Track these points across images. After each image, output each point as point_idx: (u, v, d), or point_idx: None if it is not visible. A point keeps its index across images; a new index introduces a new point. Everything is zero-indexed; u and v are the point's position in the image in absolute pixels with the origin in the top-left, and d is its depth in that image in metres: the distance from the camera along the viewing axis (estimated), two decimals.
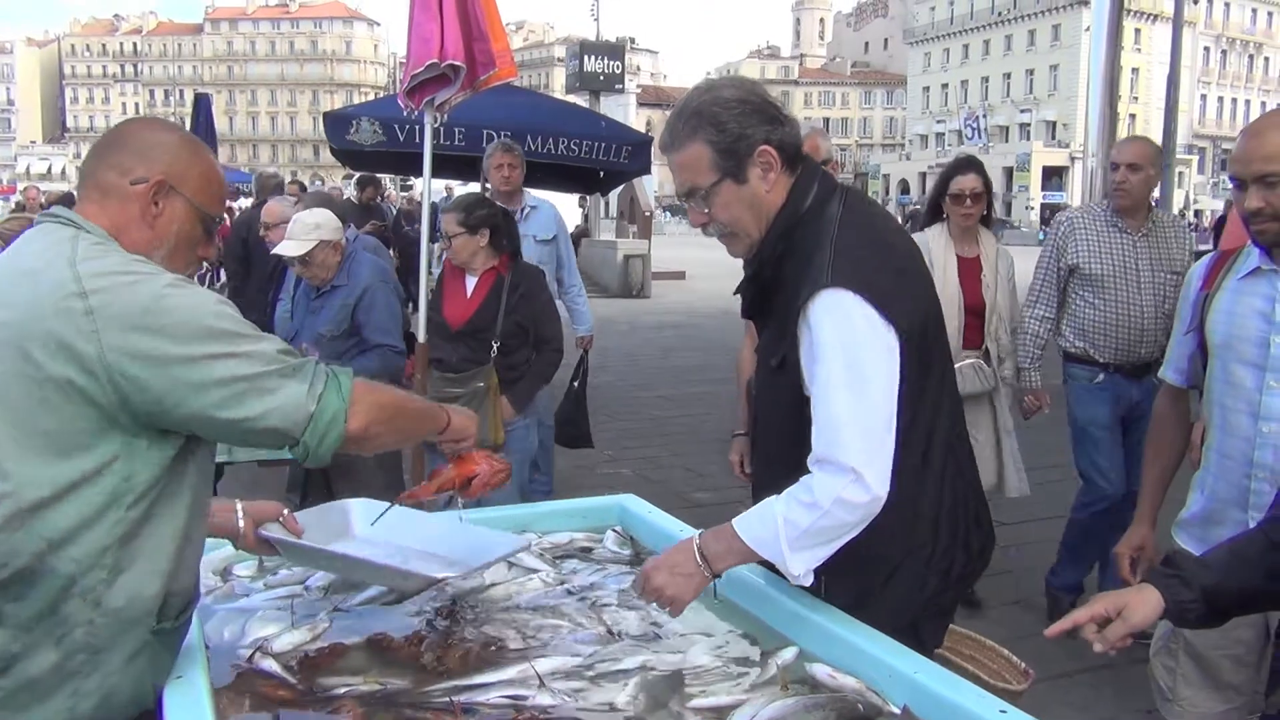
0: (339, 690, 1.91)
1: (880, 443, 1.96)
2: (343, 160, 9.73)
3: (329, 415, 1.74)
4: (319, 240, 4.29)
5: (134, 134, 1.90)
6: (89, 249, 1.70)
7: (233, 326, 1.71)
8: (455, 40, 4.23)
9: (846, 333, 1.97)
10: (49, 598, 1.64)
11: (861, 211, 2.16)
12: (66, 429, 1.62)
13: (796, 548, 1.96)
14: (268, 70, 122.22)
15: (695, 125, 2.09)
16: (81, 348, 1.60)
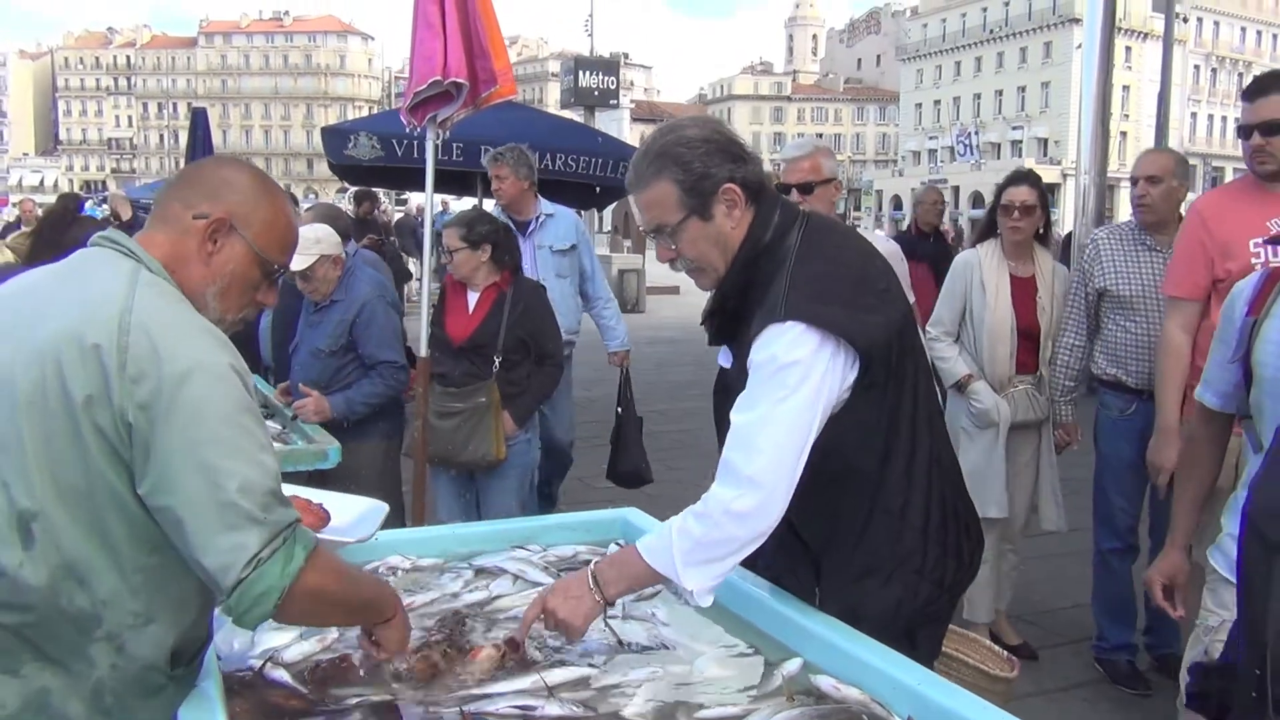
0: (350, 700, 1.93)
1: (783, 461, 1.99)
2: (340, 175, 9.75)
3: (260, 590, 1.62)
4: (320, 255, 4.31)
5: (208, 170, 1.92)
6: (149, 286, 1.70)
7: (237, 438, 1.64)
8: (458, 58, 4.26)
9: (779, 358, 2.01)
10: (77, 637, 1.66)
11: (820, 239, 2.19)
12: (92, 463, 1.62)
13: (689, 561, 2.00)
14: (261, 84, 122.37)
15: (660, 165, 2.14)
16: (109, 382, 1.60)
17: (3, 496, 1.62)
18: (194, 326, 1.71)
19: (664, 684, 1.99)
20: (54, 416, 1.61)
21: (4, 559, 1.61)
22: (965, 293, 4.56)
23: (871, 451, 2.16)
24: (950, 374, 4.56)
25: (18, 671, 1.64)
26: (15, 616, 1.63)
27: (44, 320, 1.67)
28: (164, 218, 1.84)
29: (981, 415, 4.47)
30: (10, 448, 1.62)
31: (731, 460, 2.01)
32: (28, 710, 1.64)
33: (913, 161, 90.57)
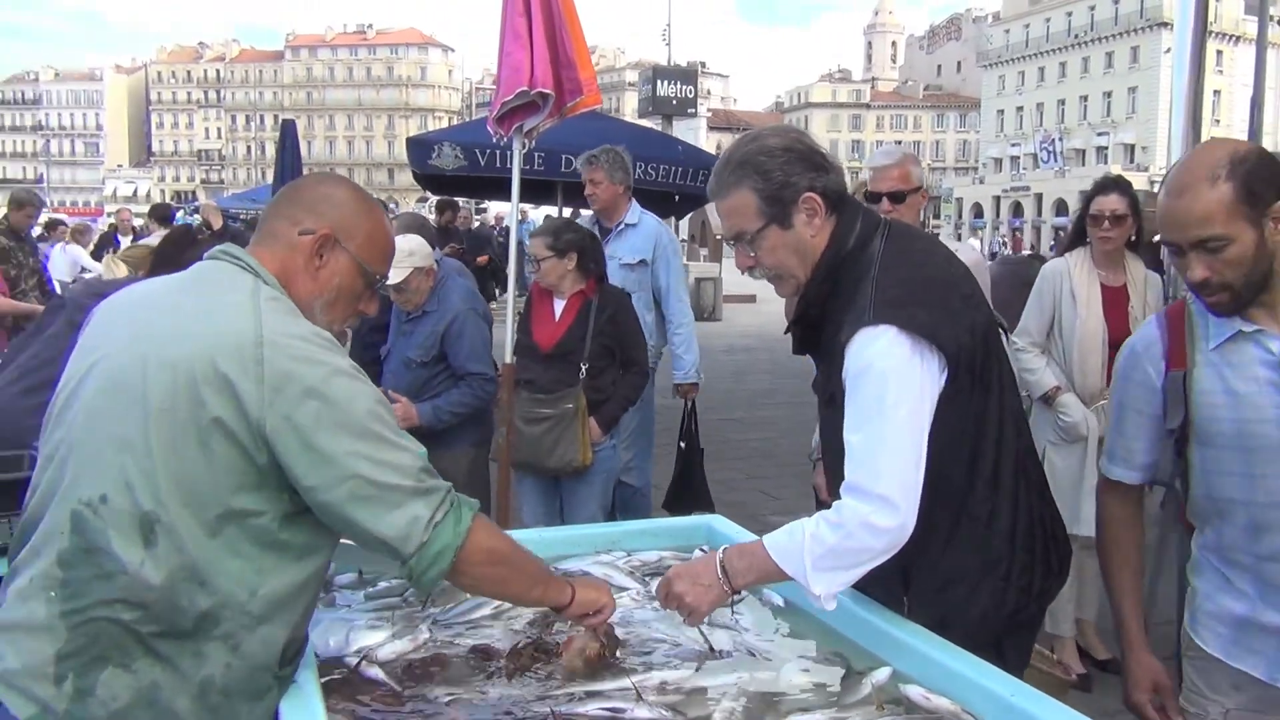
0: (443, 699, 1.96)
1: (908, 472, 1.99)
2: (423, 184, 9.92)
3: (437, 548, 1.76)
4: (414, 268, 4.38)
5: (310, 188, 2.01)
6: (271, 304, 1.78)
7: (382, 430, 1.75)
8: (544, 68, 4.32)
9: (879, 367, 2.02)
10: (192, 636, 1.72)
11: (903, 246, 2.20)
12: (220, 473, 1.69)
13: (819, 566, 2.00)
14: (345, 96, 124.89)
15: (741, 174, 2.17)
16: (245, 398, 1.67)
17: (127, 497, 1.69)
18: (319, 336, 1.79)
19: (751, 690, 2.00)
20: (183, 429, 1.68)
21: (125, 557, 1.68)
22: (1054, 303, 4.47)
23: (958, 459, 2.15)
24: (1038, 386, 4.47)
25: (130, 666, 1.69)
26: (133, 613, 1.69)
27: (174, 333, 1.74)
28: (271, 234, 1.92)
29: (1070, 429, 4.39)
30: (138, 451, 1.69)
31: (858, 481, 2.00)
32: (137, 704, 1.70)
33: (994, 169, 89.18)
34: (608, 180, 5.37)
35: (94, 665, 1.68)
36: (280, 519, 1.75)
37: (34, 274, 8.77)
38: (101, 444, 1.72)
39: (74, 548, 1.70)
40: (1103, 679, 4.49)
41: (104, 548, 1.68)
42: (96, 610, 1.68)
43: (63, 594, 1.69)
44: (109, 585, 1.68)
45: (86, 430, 1.75)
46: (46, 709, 1.68)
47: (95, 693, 1.68)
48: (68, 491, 1.73)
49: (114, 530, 1.68)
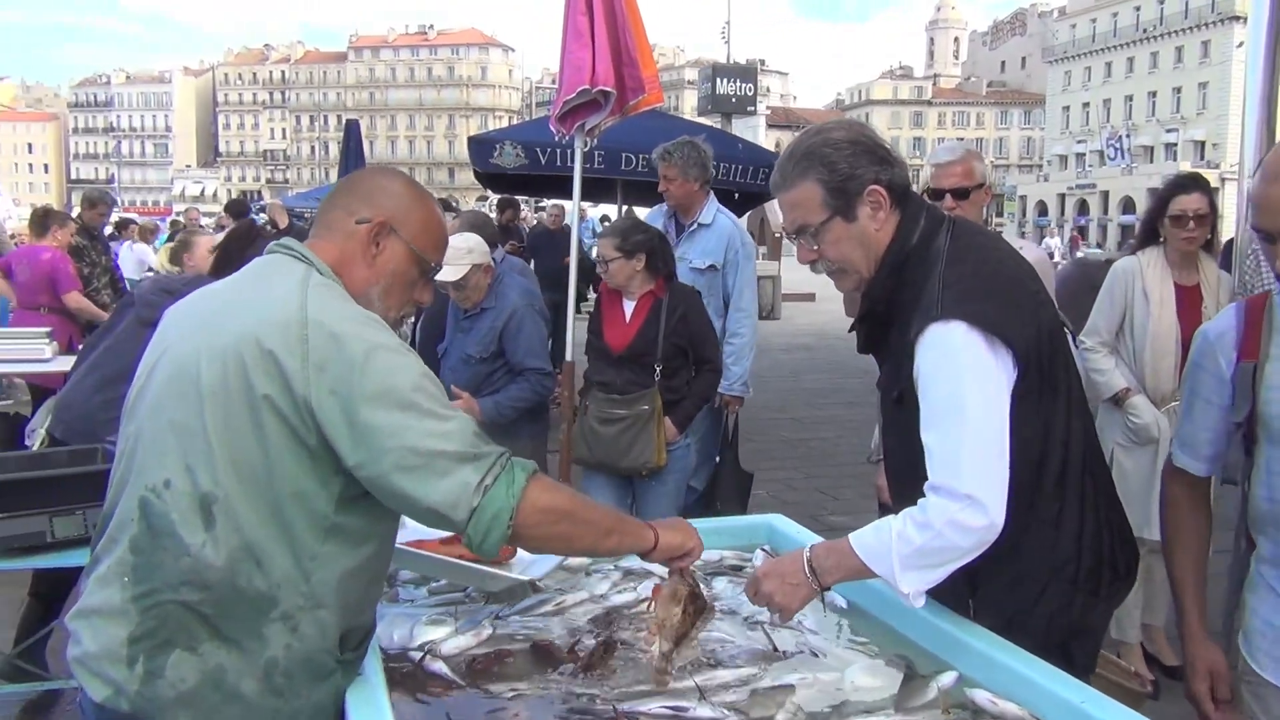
0: (506, 694, 1.97)
1: (993, 468, 1.96)
2: (484, 183, 9.99)
3: (491, 512, 1.74)
4: (472, 265, 4.42)
5: (365, 179, 2.07)
6: (319, 288, 1.82)
7: (427, 402, 1.75)
8: (606, 66, 4.33)
9: (953, 362, 2.00)
10: (253, 617, 1.75)
11: (968, 241, 2.18)
12: (273, 453, 1.72)
13: (907, 565, 1.98)
14: (406, 96, 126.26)
15: (806, 166, 2.16)
16: (291, 376, 1.71)
17: (187, 479, 1.74)
18: (364, 315, 1.82)
19: (814, 691, 1.98)
20: (236, 410, 1.72)
21: (188, 539, 1.73)
22: (1126, 302, 4.37)
23: (1026, 459, 2.11)
24: (1107, 387, 4.38)
25: (196, 649, 1.74)
26: (196, 594, 1.73)
27: (227, 321, 1.80)
28: (328, 225, 1.97)
29: (1140, 431, 4.30)
30: (195, 435, 1.74)
31: (944, 482, 1.97)
32: (205, 686, 1.74)
33: (1059, 166, 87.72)
34: (681, 177, 5.20)
35: (163, 648, 1.73)
36: (334, 503, 1.77)
37: (106, 272, 9.00)
38: (164, 432, 1.78)
39: (142, 533, 1.76)
40: (1171, 687, 4.39)
41: (168, 531, 1.74)
42: (164, 593, 1.73)
43: (134, 578, 1.75)
44: (174, 568, 1.73)
45: (151, 421, 1.81)
46: (120, 690, 1.74)
47: (164, 674, 1.73)
48: (136, 480, 1.79)
49: (176, 513, 1.73)
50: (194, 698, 1.74)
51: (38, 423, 5.15)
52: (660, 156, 5.23)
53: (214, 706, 1.75)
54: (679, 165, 5.17)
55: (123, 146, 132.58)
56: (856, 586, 2.45)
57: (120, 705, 1.75)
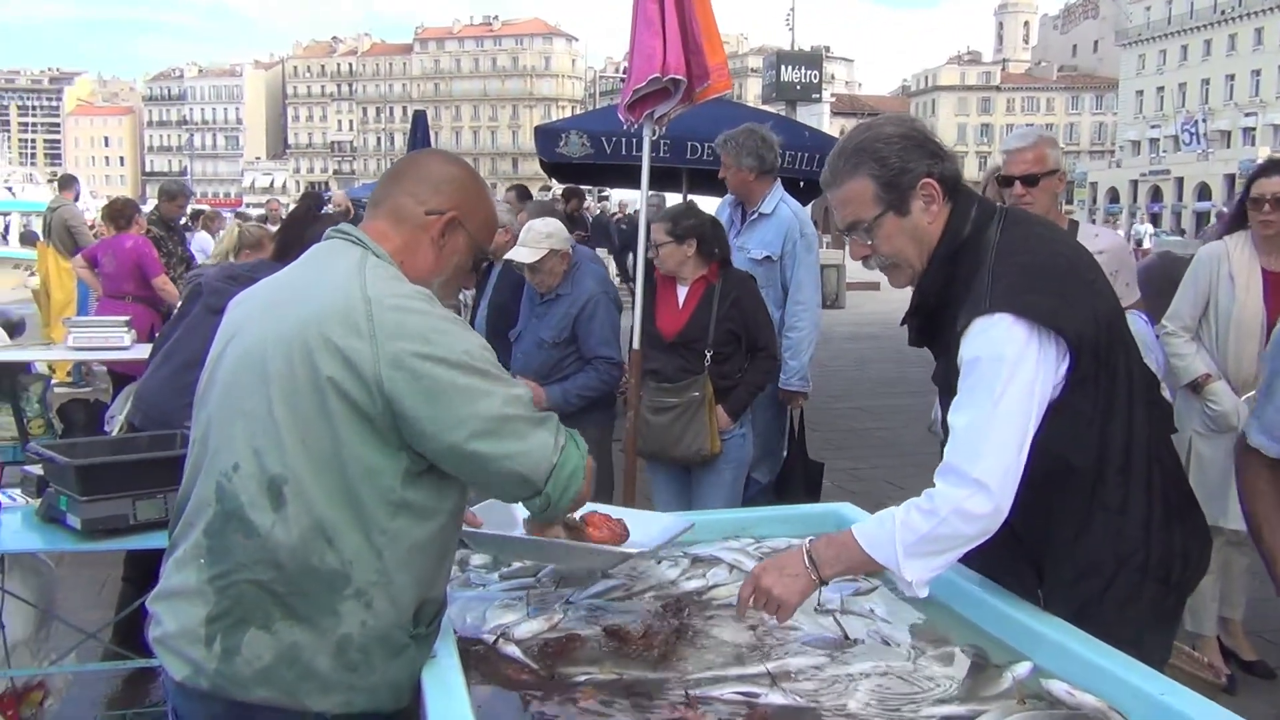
0: (579, 678, 1.99)
1: (1008, 459, 1.97)
2: (549, 172, 10.04)
3: (570, 468, 1.85)
4: (549, 249, 4.46)
5: (429, 166, 2.07)
6: (377, 271, 1.86)
7: (494, 370, 1.84)
8: (677, 54, 4.32)
9: (990, 352, 2.00)
10: (326, 595, 1.79)
11: (1021, 232, 2.17)
12: (340, 433, 1.77)
13: (911, 553, 2.00)
14: (471, 86, 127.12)
15: (858, 161, 2.17)
16: (358, 357, 1.75)
17: (255, 463, 1.79)
18: (419, 293, 1.87)
19: (887, 679, 1.98)
20: (303, 394, 1.77)
21: (257, 520, 1.78)
22: (1210, 287, 4.28)
23: (1087, 447, 2.11)
24: (1187, 372, 4.29)
25: (270, 627, 1.78)
26: (269, 573, 1.78)
27: (289, 308, 1.86)
28: (395, 212, 1.99)
29: (1220, 418, 4.20)
30: (262, 420, 1.79)
31: (956, 464, 1.99)
32: (280, 663, 1.78)
33: (1131, 152, 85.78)
34: (735, 165, 5.11)
35: (238, 627, 1.78)
36: (402, 478, 1.81)
37: (182, 262, 9.21)
38: (232, 418, 1.84)
39: (216, 516, 1.81)
40: (1248, 682, 4.30)
41: (238, 514, 1.79)
42: (238, 574, 1.78)
43: (209, 560, 1.81)
44: (247, 548, 1.78)
45: (221, 408, 1.87)
46: (199, 669, 1.79)
47: (241, 652, 1.78)
48: (210, 466, 1.85)
49: (245, 496, 1.78)
50: (270, 675, 1.78)
51: (117, 409, 5.30)
52: (720, 144, 5.19)
53: (290, 683, 1.79)
54: (733, 153, 5.09)
55: (195, 139, 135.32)
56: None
57: (200, 683, 1.80)
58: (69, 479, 3.10)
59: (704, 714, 1.84)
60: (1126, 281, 4.02)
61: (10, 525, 3.28)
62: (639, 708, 1.89)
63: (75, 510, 3.09)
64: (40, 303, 11.56)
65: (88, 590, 5.00)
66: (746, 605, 2.12)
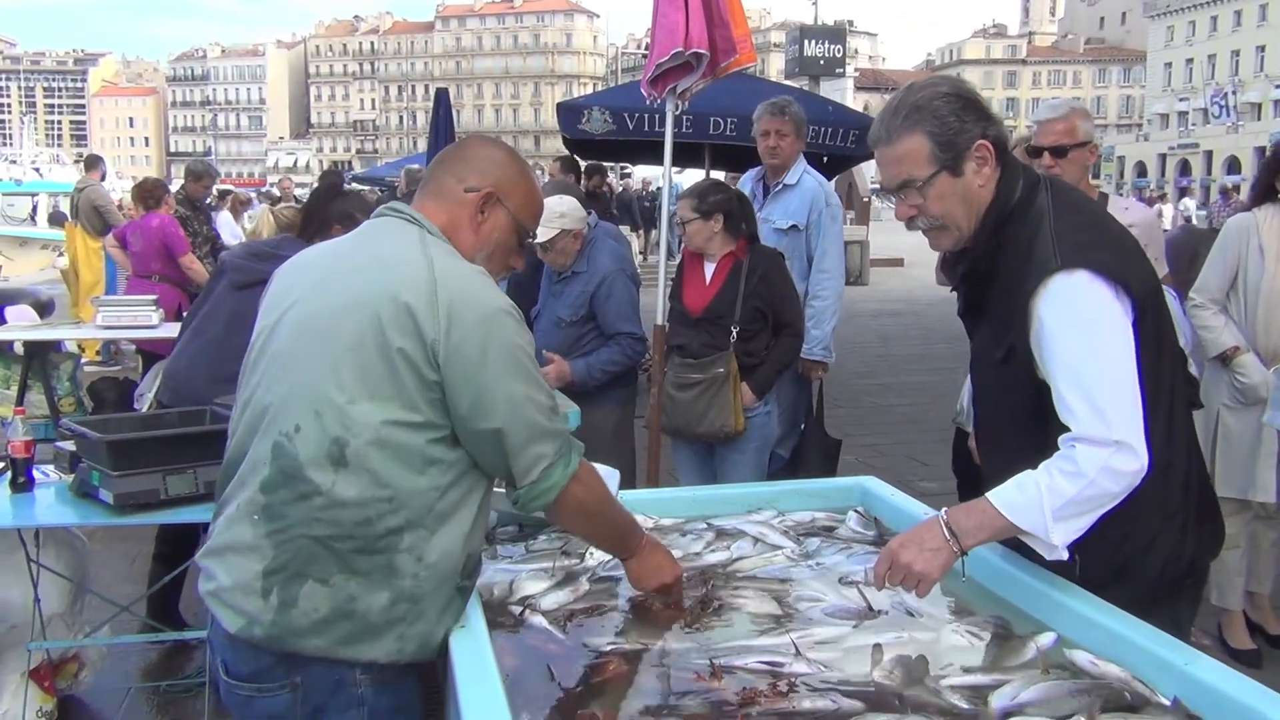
0: (605, 648, 2.02)
1: (1134, 412, 1.98)
2: (572, 149, 10.03)
3: (546, 485, 1.96)
4: (561, 229, 4.46)
5: (473, 148, 2.18)
6: (440, 249, 1.96)
7: (533, 369, 1.95)
8: (700, 28, 4.30)
9: (1083, 311, 2.02)
10: (383, 550, 1.86)
11: (1070, 197, 2.21)
12: (405, 396, 1.85)
13: (1060, 516, 1.97)
14: (493, 64, 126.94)
15: (916, 119, 2.15)
16: (424, 329, 1.83)
17: (316, 425, 1.85)
18: (484, 278, 1.96)
19: (911, 649, 1.99)
20: (373, 362, 1.85)
21: (318, 479, 1.84)
22: (1239, 259, 4.24)
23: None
24: (1215, 344, 4.26)
25: (328, 580, 1.86)
26: (328, 530, 1.85)
27: (354, 279, 1.93)
28: (438, 191, 2.09)
29: (1248, 391, 4.17)
30: (328, 384, 1.86)
31: (1089, 432, 1.97)
32: (336, 615, 1.86)
33: (1160, 125, 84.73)
34: (794, 135, 5.11)
35: (295, 580, 1.85)
36: (448, 438, 1.90)
37: (207, 241, 9.28)
38: (294, 382, 1.90)
39: (274, 474, 1.88)
40: (1274, 656, 4.30)
41: (298, 473, 1.85)
42: (296, 529, 1.85)
43: (264, 516, 1.88)
44: (306, 506, 1.85)
45: (282, 373, 1.93)
46: (254, 620, 1.86)
47: (298, 604, 1.85)
48: (268, 428, 1.91)
49: (305, 455, 1.85)
50: (326, 626, 1.86)
51: (146, 387, 5.37)
52: (774, 111, 5.10)
53: (346, 631, 1.87)
54: (794, 122, 5.08)
55: (219, 119, 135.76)
56: None
57: (254, 633, 1.87)
58: (101, 454, 3.15)
59: (728, 683, 1.86)
60: (1155, 256, 3.99)
61: (44, 500, 3.34)
62: (664, 678, 1.91)
63: (108, 485, 3.14)
64: (69, 282, 11.66)
65: (120, 564, 5.08)
66: (884, 580, 2.07)
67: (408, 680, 1.97)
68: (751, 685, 1.85)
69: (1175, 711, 1.72)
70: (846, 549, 2.55)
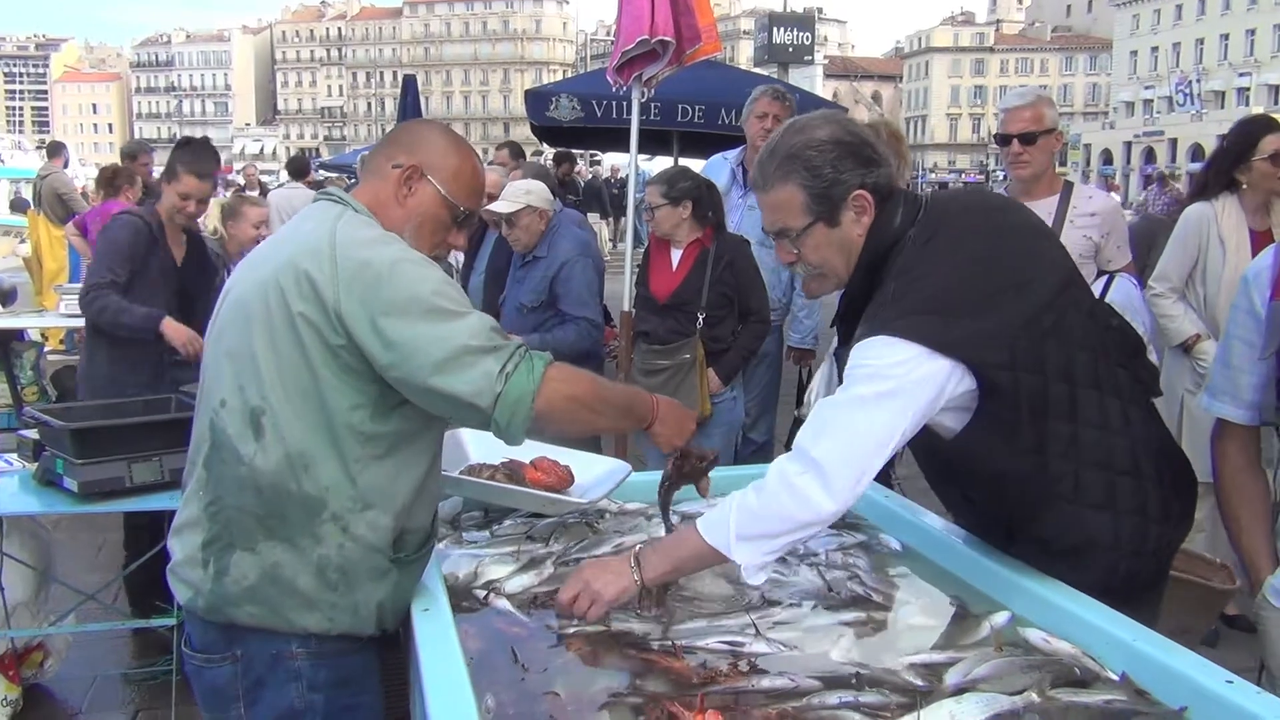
0: (568, 630, 2.04)
1: (852, 458, 1.91)
2: (540, 136, 10.01)
3: (514, 396, 1.85)
4: (526, 205, 4.48)
5: (408, 130, 2.22)
6: (349, 219, 1.98)
7: (448, 305, 1.88)
8: (665, 16, 4.33)
9: (868, 364, 1.94)
10: (305, 519, 1.91)
11: (930, 247, 2.05)
12: (314, 367, 1.88)
13: (743, 534, 1.95)
14: (461, 51, 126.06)
15: (789, 169, 2.08)
16: (323, 293, 1.86)
17: (239, 398, 1.92)
18: (389, 237, 1.97)
19: (869, 629, 2.03)
20: (279, 331, 1.89)
21: (243, 450, 1.91)
22: (1199, 248, 4.32)
23: (1020, 449, 2.04)
24: (1177, 333, 4.34)
25: (255, 548, 1.92)
26: (252, 499, 1.91)
27: (270, 256, 2.00)
28: (371, 171, 2.14)
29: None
30: (244, 358, 1.92)
31: (801, 441, 1.95)
32: (264, 581, 1.92)
33: (1125, 113, 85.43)
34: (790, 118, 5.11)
35: (227, 549, 1.92)
36: (374, 409, 1.91)
37: None
38: (221, 358, 1.97)
39: (210, 449, 1.95)
40: (1230, 635, 4.38)
41: (227, 445, 1.92)
42: (227, 499, 1.92)
43: (205, 491, 1.95)
44: (234, 476, 1.91)
45: (214, 351, 2.01)
46: (197, 591, 1.95)
47: (230, 573, 1.92)
48: (205, 405, 1.98)
49: (232, 428, 1.91)
50: (256, 592, 1.92)
51: None
52: (775, 95, 5.03)
53: (275, 599, 1.92)
54: (792, 108, 4.96)
55: (184, 105, 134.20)
56: (910, 529, 2.50)
57: (198, 604, 1.95)
58: (65, 442, 3.14)
59: (689, 663, 1.89)
60: (1118, 244, 4.04)
61: (8, 489, 3.33)
62: (626, 657, 1.94)
63: (72, 473, 3.13)
64: (32, 270, 11.54)
65: (86, 552, 5.06)
66: (569, 605, 2.04)
67: (352, 656, 2.01)
68: (713, 665, 1.88)
69: (1123, 686, 1.77)
70: None
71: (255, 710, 1.98)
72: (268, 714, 1.98)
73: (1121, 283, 3.92)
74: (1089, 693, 1.75)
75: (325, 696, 1.98)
